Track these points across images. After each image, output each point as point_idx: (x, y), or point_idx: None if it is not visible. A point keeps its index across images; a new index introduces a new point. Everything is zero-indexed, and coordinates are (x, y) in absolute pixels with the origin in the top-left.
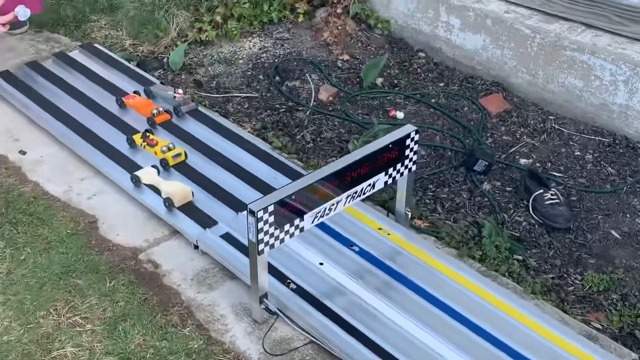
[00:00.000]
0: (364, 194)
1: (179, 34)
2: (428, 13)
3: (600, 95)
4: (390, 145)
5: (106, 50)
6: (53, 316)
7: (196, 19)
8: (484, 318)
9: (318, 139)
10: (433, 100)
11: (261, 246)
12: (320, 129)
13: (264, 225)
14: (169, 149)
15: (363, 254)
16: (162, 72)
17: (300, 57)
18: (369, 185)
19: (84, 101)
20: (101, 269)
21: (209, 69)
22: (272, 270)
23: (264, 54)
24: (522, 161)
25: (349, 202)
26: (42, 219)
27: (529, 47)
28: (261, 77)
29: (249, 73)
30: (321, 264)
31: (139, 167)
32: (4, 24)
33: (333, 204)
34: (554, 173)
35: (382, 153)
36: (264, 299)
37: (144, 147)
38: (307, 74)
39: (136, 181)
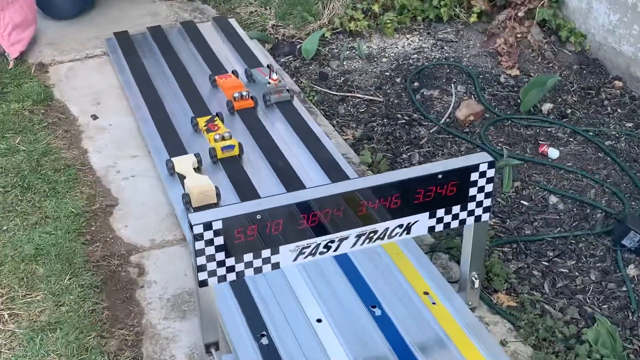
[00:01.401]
0: (391, 237)
1: (330, 21)
2: (633, 29)
3: None
4: (440, 176)
5: (237, 27)
6: None
7: (353, 6)
8: None
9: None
10: (608, 143)
11: (202, 275)
12: (437, 153)
13: (207, 246)
14: (223, 139)
15: (384, 324)
16: (291, 58)
17: (457, 63)
18: (400, 226)
19: (180, 75)
20: (75, 262)
21: (344, 63)
22: (249, 309)
23: (416, 55)
24: None
25: (363, 243)
26: (57, 190)
27: None
28: (398, 80)
29: (387, 74)
30: (319, 320)
31: (186, 153)
32: None
33: (333, 241)
34: None
35: (424, 184)
36: (212, 349)
37: (204, 131)
38: (453, 84)
39: (170, 167)
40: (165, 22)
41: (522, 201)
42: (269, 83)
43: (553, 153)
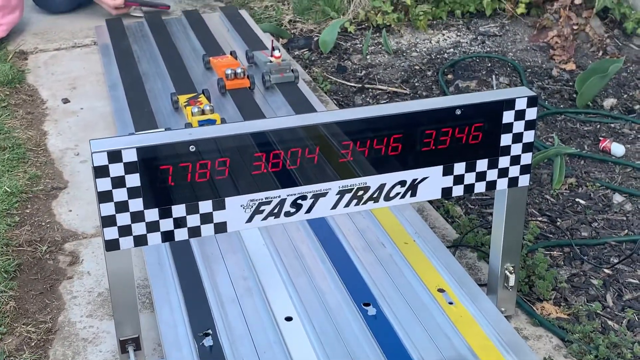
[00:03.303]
0: (389, 198)
1: (356, 17)
2: None
3: None
4: (458, 112)
5: (247, 18)
6: None
7: None
8: None
9: None
10: None
11: (110, 232)
12: None
13: (116, 188)
14: (202, 113)
15: (379, 326)
16: (306, 52)
17: (500, 56)
18: (401, 183)
19: (169, 56)
20: None
21: (368, 57)
22: (195, 297)
23: (452, 49)
24: None
25: (349, 204)
26: None
27: None
28: (429, 73)
29: (417, 68)
30: (289, 319)
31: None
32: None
33: (304, 197)
34: None
35: (436, 123)
36: (129, 348)
37: (183, 107)
38: (494, 76)
39: None
40: (174, 14)
41: (577, 199)
42: (270, 61)
43: (618, 149)
